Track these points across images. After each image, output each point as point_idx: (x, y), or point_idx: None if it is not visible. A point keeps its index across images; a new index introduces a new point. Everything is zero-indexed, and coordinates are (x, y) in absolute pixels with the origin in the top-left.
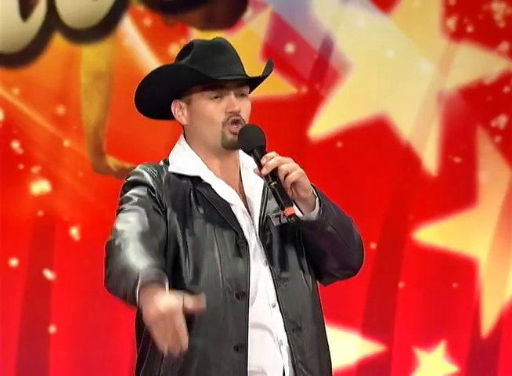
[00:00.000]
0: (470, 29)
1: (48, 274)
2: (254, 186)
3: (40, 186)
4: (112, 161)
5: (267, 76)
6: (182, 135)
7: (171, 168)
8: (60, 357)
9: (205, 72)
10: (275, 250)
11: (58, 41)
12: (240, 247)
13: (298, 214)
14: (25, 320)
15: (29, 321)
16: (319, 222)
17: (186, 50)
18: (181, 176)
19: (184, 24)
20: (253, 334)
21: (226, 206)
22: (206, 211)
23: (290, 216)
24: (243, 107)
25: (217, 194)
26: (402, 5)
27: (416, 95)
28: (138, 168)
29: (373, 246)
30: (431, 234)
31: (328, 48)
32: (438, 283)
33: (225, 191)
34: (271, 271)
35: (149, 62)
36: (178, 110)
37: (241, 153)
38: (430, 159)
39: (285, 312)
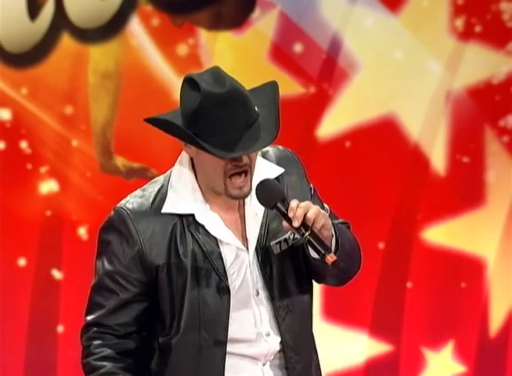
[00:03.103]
0: (478, 29)
1: (56, 274)
2: (256, 215)
3: (48, 186)
4: (120, 161)
5: (276, 137)
6: (185, 154)
7: (165, 209)
8: (68, 356)
9: (210, 137)
10: (276, 281)
11: (66, 41)
12: (222, 293)
13: (314, 255)
14: (33, 320)
15: (37, 321)
16: (333, 263)
17: (192, 93)
18: (169, 215)
19: (192, 24)
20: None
21: (215, 245)
22: (192, 254)
23: (334, 263)
24: (251, 156)
25: (208, 233)
26: (410, 5)
27: (424, 95)
28: (123, 214)
29: (381, 246)
30: (439, 234)
31: (336, 48)
32: (446, 283)
33: (218, 230)
34: (269, 303)
35: (157, 62)
36: (185, 143)
37: None
38: (438, 159)
39: (285, 339)
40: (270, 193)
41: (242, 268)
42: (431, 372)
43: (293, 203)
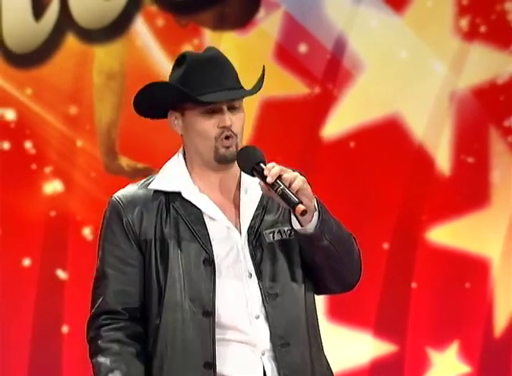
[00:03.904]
0: (482, 29)
1: (61, 274)
2: (251, 201)
3: (52, 186)
4: (124, 161)
5: (258, 91)
6: (182, 145)
7: (151, 186)
8: (73, 357)
9: (196, 91)
10: (267, 265)
11: (70, 41)
12: (206, 265)
13: (296, 227)
14: (38, 320)
15: (42, 321)
16: (315, 235)
17: (179, 63)
18: (158, 192)
19: (196, 24)
20: (226, 348)
21: (200, 222)
22: (176, 229)
23: (302, 213)
24: (236, 120)
25: (194, 210)
26: (414, 5)
27: (429, 95)
28: (114, 201)
29: (385, 246)
30: (444, 234)
31: (341, 48)
32: (450, 284)
33: (206, 207)
34: (259, 285)
35: (162, 62)
36: (174, 120)
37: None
38: (442, 159)
39: (273, 326)
40: (248, 157)
41: (234, 248)
42: (436, 372)
43: (272, 163)
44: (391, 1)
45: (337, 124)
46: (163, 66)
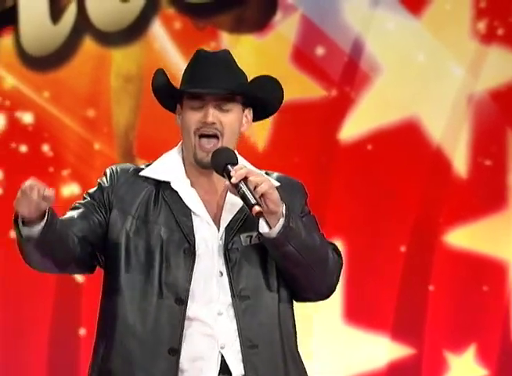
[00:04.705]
0: (500, 32)
1: (79, 277)
2: (235, 204)
3: (70, 189)
4: (142, 164)
5: (243, 92)
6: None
7: (142, 172)
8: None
9: (188, 84)
10: (241, 268)
11: (88, 44)
12: (187, 254)
13: (262, 230)
14: (55, 323)
15: (59, 324)
16: (278, 239)
17: (192, 57)
18: (149, 179)
19: (214, 27)
20: (189, 338)
21: (186, 214)
22: (162, 216)
23: (257, 214)
24: (225, 120)
25: (182, 202)
26: (432, 8)
27: (447, 98)
28: (109, 167)
29: (402, 249)
30: (461, 237)
31: (358, 50)
32: (468, 286)
33: (192, 200)
34: (230, 285)
35: (179, 65)
36: (178, 114)
37: None
38: (460, 162)
39: (243, 328)
40: (220, 158)
41: (210, 245)
42: (453, 375)
43: (241, 165)
44: (408, 3)
45: (354, 127)
46: (180, 68)
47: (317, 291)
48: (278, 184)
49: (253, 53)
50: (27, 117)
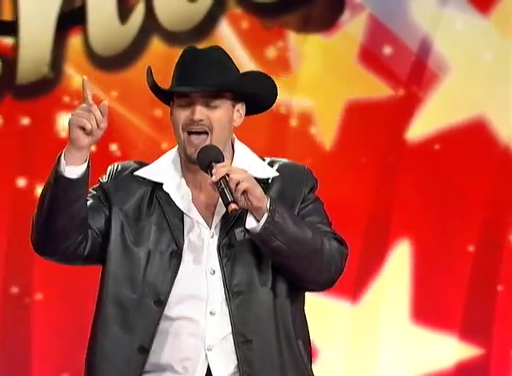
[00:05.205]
0: None
1: None
2: None
3: None
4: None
5: (228, 89)
6: None
7: (137, 172)
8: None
9: (175, 82)
10: (234, 263)
11: (156, 44)
12: (173, 256)
13: (248, 226)
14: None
15: None
16: (262, 234)
17: (180, 55)
18: (145, 179)
19: (281, 27)
20: (170, 338)
21: (178, 215)
22: (154, 216)
23: (232, 211)
24: (212, 116)
25: (174, 203)
26: (500, 6)
27: None
28: (111, 165)
29: (470, 248)
30: None
31: (426, 50)
32: None
33: (183, 202)
34: (222, 282)
35: (247, 65)
36: (170, 113)
37: None
38: None
39: (236, 324)
40: (205, 155)
41: (201, 244)
42: None
43: (223, 163)
44: (476, 2)
45: (421, 127)
46: (247, 68)
47: (317, 282)
48: (276, 174)
49: (320, 53)
50: None
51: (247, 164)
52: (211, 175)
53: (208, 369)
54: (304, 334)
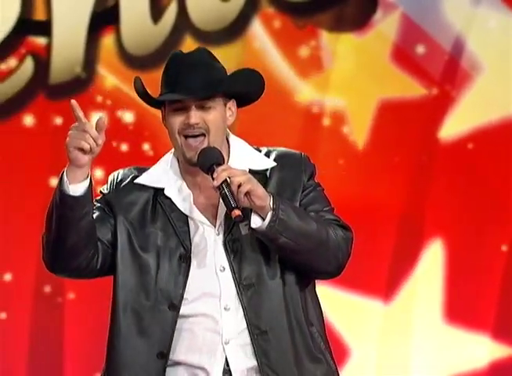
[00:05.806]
0: None
1: None
2: None
3: None
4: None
5: (214, 94)
6: None
7: (137, 180)
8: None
9: (164, 89)
10: (243, 257)
11: (188, 44)
12: (182, 261)
13: (254, 224)
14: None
15: None
16: (267, 233)
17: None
18: (145, 186)
19: (313, 26)
20: (186, 335)
21: (182, 219)
22: (159, 222)
23: (236, 218)
24: (208, 118)
25: (177, 207)
26: None
27: None
28: (112, 174)
29: (504, 248)
30: None
31: (459, 49)
32: None
33: (186, 205)
34: (233, 277)
35: (279, 64)
36: (162, 115)
37: None
38: None
39: (250, 317)
40: (205, 158)
41: (207, 244)
42: None
43: (224, 166)
44: (510, 1)
45: (454, 126)
46: (280, 68)
47: (326, 271)
48: (274, 165)
49: (353, 52)
50: (128, 117)
51: (245, 158)
52: (213, 179)
53: (226, 362)
54: (317, 319)
